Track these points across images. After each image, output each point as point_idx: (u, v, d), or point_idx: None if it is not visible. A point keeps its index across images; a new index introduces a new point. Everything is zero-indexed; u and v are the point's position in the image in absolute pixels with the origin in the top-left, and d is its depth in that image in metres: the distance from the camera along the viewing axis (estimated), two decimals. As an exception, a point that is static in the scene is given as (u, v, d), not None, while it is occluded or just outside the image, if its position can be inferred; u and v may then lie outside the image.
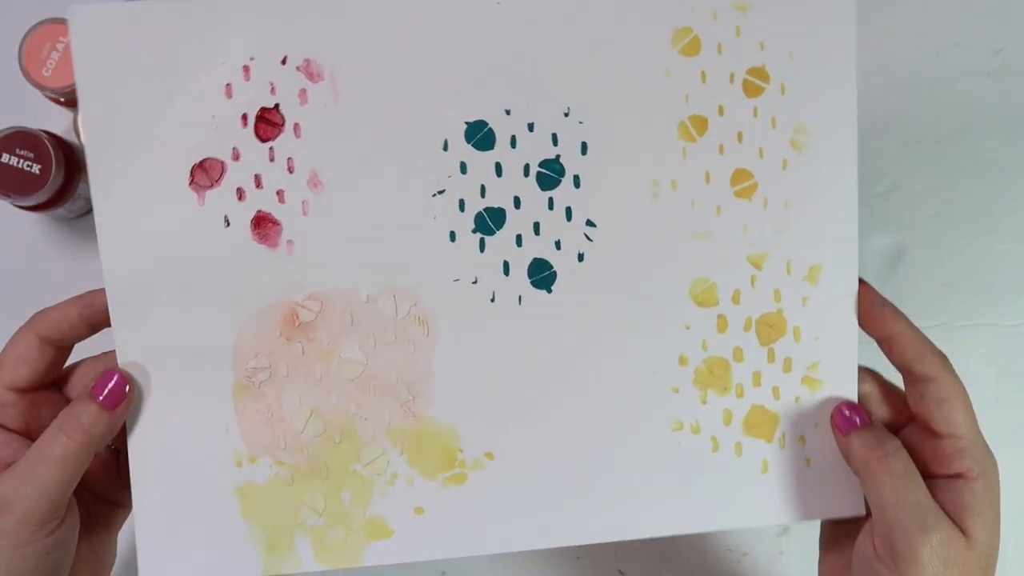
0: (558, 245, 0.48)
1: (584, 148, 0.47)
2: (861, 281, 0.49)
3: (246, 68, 0.46)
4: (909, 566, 0.44)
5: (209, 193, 0.46)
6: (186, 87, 0.45)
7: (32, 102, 0.61)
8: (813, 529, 0.53)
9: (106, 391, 0.46)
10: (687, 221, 0.48)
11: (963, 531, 0.45)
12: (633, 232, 0.48)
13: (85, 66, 0.45)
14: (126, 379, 0.46)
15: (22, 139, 0.58)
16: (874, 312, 0.48)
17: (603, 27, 0.46)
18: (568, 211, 0.48)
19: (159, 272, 0.46)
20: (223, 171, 0.46)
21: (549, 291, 0.48)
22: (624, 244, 0.48)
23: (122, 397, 0.46)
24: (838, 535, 0.51)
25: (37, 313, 0.47)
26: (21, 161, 0.58)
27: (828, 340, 0.49)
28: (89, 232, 0.64)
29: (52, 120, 0.62)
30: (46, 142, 0.58)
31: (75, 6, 0.44)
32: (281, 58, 0.46)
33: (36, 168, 0.58)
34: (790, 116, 0.47)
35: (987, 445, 0.47)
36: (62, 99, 0.59)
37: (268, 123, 0.46)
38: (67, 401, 0.48)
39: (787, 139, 0.47)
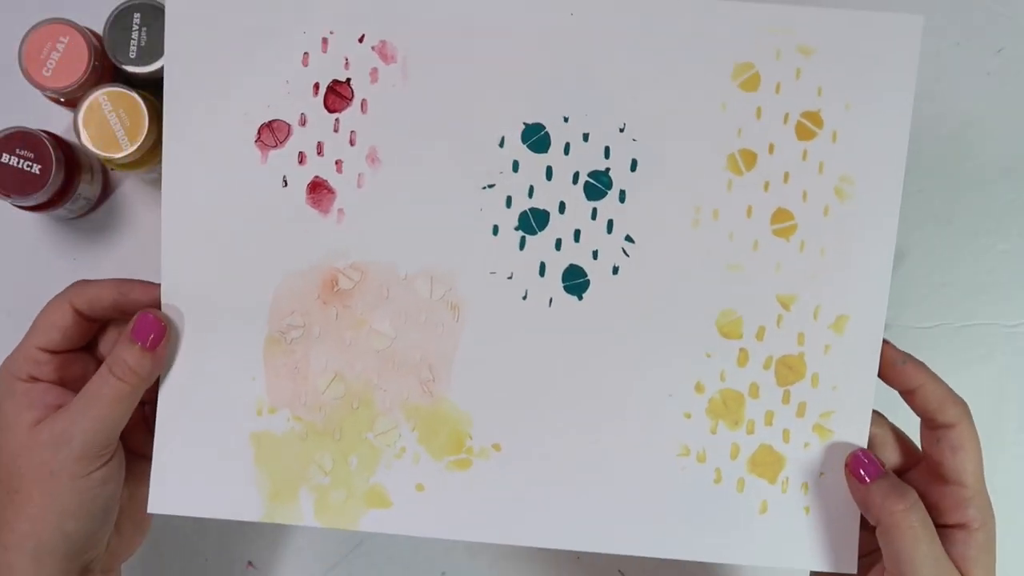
0: (595, 255, 0.49)
1: (634, 165, 0.49)
2: (884, 340, 0.49)
3: (324, 40, 0.48)
4: None
5: (272, 153, 0.49)
6: (266, 50, 0.48)
7: (32, 102, 0.60)
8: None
9: (145, 333, 0.48)
10: (723, 251, 0.49)
11: None
12: (669, 254, 0.49)
13: (176, 16, 0.48)
14: (162, 320, 0.49)
15: (22, 139, 0.58)
16: (897, 370, 0.49)
17: (668, 51, 0.48)
18: (610, 224, 0.49)
19: (213, 221, 0.49)
20: (289, 134, 0.49)
21: (580, 298, 0.50)
22: (659, 264, 0.49)
23: (161, 336, 0.48)
24: None
25: (77, 283, 0.50)
26: (21, 161, 0.58)
27: (845, 391, 0.49)
28: (89, 232, 0.65)
29: (52, 120, 0.62)
30: (46, 142, 0.58)
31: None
32: (359, 36, 0.48)
33: (36, 168, 0.58)
34: (838, 164, 0.48)
35: (989, 499, 0.48)
36: (62, 99, 0.59)
37: (338, 95, 0.48)
38: (97, 361, 0.51)
39: (832, 186, 0.48)
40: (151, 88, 0.58)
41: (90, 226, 0.65)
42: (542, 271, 0.50)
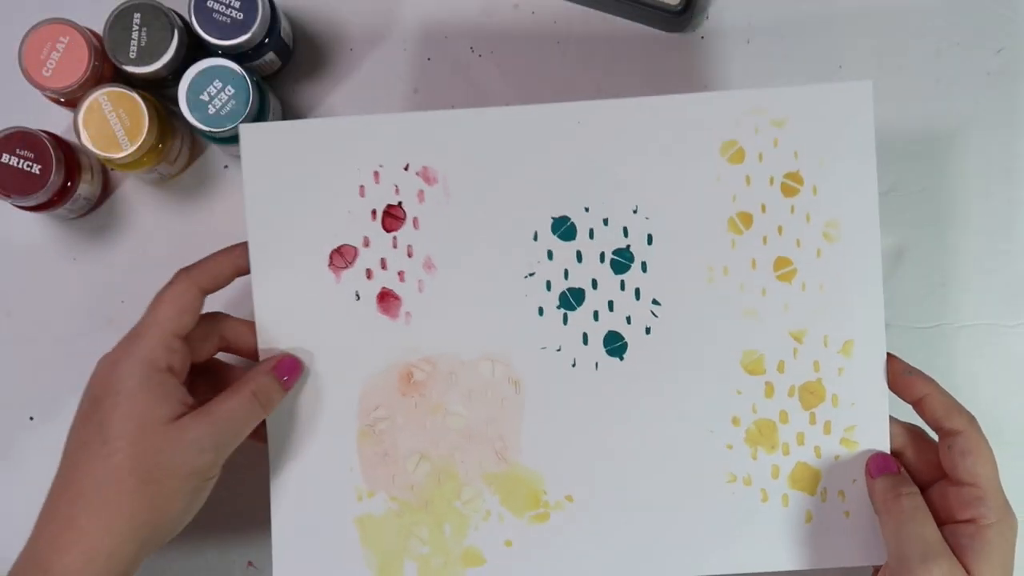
0: (629, 320, 0.57)
1: (650, 239, 0.57)
2: (889, 354, 0.57)
3: (376, 173, 0.57)
4: None
5: (344, 272, 0.57)
6: (328, 188, 0.57)
7: (32, 102, 0.60)
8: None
9: (287, 371, 0.55)
10: (737, 301, 0.57)
11: (967, 570, 0.51)
12: (692, 310, 0.57)
13: (252, 168, 0.56)
14: (301, 364, 0.56)
15: (22, 139, 0.58)
16: (903, 380, 0.56)
17: (664, 141, 0.57)
18: (637, 291, 0.57)
19: (301, 337, 0.57)
20: (356, 255, 0.57)
21: (621, 359, 0.57)
22: (685, 320, 0.57)
23: (297, 377, 0.55)
24: None
25: (190, 268, 0.54)
26: (21, 161, 0.58)
27: (862, 406, 0.57)
28: (89, 232, 0.65)
29: (52, 120, 0.62)
30: (46, 142, 0.58)
31: (245, 126, 0.56)
32: (404, 165, 0.57)
33: (36, 168, 0.58)
34: (822, 213, 0.57)
35: (1007, 500, 0.53)
36: (62, 99, 0.59)
37: (393, 217, 0.57)
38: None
39: (820, 232, 0.57)
40: (151, 88, 0.59)
41: (90, 226, 0.65)
42: (585, 340, 0.57)
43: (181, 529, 0.53)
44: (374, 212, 0.57)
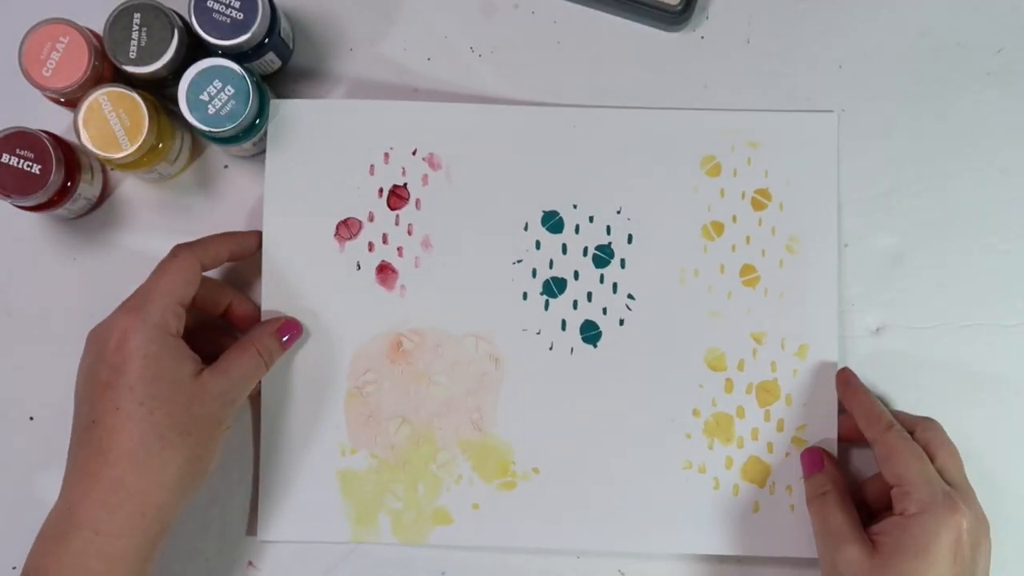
0: (605, 311, 0.62)
1: (630, 239, 0.63)
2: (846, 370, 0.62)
3: (386, 154, 0.62)
4: None
5: (348, 243, 0.62)
6: (342, 164, 0.62)
7: (32, 102, 0.60)
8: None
9: (288, 331, 0.60)
10: (705, 302, 0.62)
11: (879, 554, 0.54)
12: (663, 307, 0.62)
13: (275, 142, 0.62)
14: (300, 327, 0.61)
15: (22, 139, 0.58)
16: (840, 389, 0.61)
17: (650, 150, 0.63)
18: (615, 286, 0.62)
19: (302, 300, 0.62)
20: (360, 228, 0.62)
21: (595, 346, 0.62)
22: (656, 315, 0.62)
23: (296, 337, 0.60)
24: None
25: (191, 243, 0.57)
26: (21, 161, 0.58)
27: (813, 406, 0.62)
28: (89, 232, 0.65)
29: (52, 120, 0.62)
30: (46, 142, 0.58)
31: (276, 101, 0.62)
32: (412, 150, 0.62)
33: (36, 168, 0.58)
34: (786, 227, 0.62)
35: (940, 492, 0.55)
36: (62, 99, 0.59)
37: (397, 196, 0.62)
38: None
39: (784, 244, 0.62)
40: (151, 88, 0.59)
41: (90, 226, 0.65)
42: (563, 327, 0.62)
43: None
44: (381, 190, 0.62)
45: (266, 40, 0.60)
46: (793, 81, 0.65)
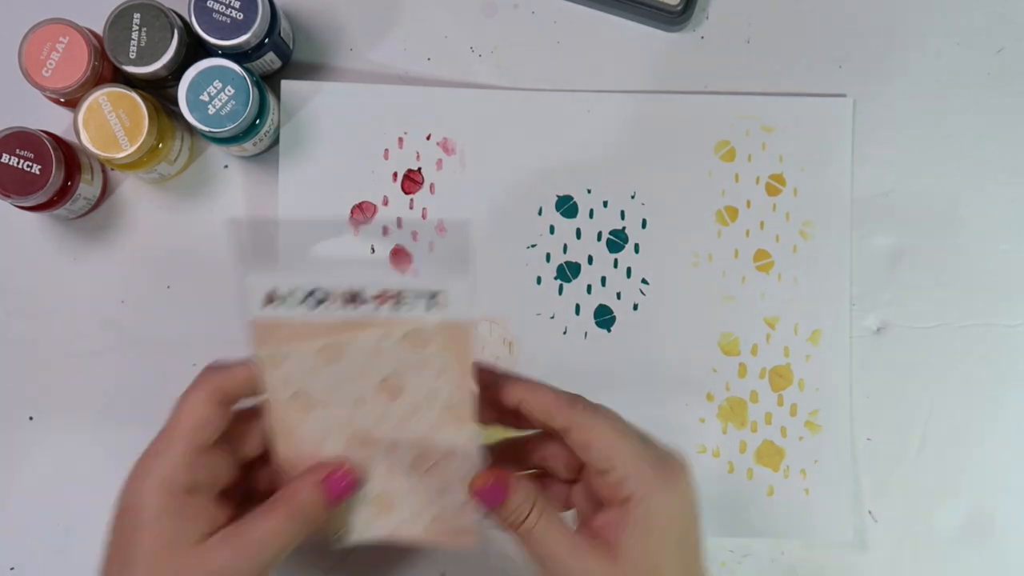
0: (619, 296, 0.62)
1: (644, 223, 0.63)
2: (482, 364, 0.49)
3: (400, 139, 0.62)
4: None
5: (362, 227, 0.62)
6: (357, 148, 0.62)
7: (32, 102, 0.60)
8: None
9: (337, 485, 0.47)
10: (719, 286, 0.62)
11: (612, 552, 0.46)
12: (677, 291, 0.62)
13: (289, 123, 0.62)
14: (357, 475, 0.48)
15: (22, 139, 0.58)
16: (500, 386, 0.49)
17: (664, 135, 0.63)
18: (628, 271, 0.62)
19: (317, 283, 0.61)
20: (375, 212, 0.62)
21: (609, 331, 0.62)
22: (670, 300, 0.62)
23: (349, 492, 0.47)
24: None
25: (218, 368, 0.48)
26: (21, 161, 0.58)
27: (826, 391, 0.62)
28: (89, 232, 0.65)
29: (52, 120, 0.61)
30: (46, 142, 0.58)
31: (287, 82, 0.62)
32: (427, 135, 0.62)
33: (36, 168, 0.58)
34: (800, 213, 0.63)
35: (659, 470, 0.47)
36: (62, 99, 0.59)
37: (412, 181, 0.62)
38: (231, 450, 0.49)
39: (797, 230, 0.63)
40: (151, 88, 0.59)
41: (90, 226, 0.65)
42: (577, 311, 0.62)
43: None
44: (395, 174, 0.62)
45: (266, 40, 0.60)
46: (793, 81, 0.65)
